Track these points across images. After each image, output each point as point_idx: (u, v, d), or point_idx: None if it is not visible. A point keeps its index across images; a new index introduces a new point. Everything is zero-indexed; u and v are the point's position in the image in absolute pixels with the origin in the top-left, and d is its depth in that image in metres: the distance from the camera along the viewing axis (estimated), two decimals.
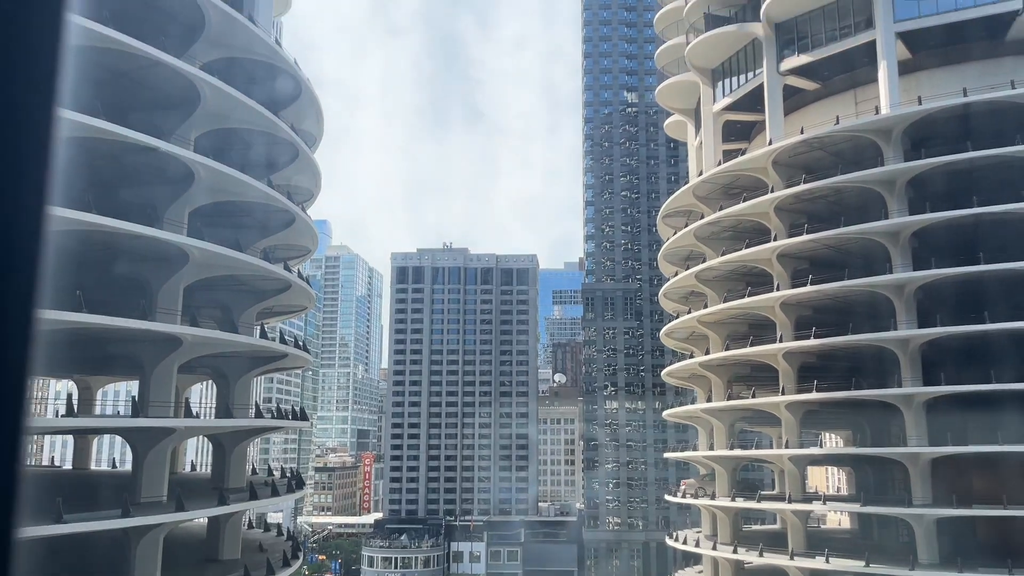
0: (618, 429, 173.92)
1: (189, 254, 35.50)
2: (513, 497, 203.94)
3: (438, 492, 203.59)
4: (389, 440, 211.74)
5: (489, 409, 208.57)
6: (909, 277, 49.91)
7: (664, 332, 71.87)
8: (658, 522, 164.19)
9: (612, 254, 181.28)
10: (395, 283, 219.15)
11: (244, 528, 47.24)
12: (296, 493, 45.71)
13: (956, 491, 48.41)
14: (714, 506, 61.33)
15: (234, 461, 43.60)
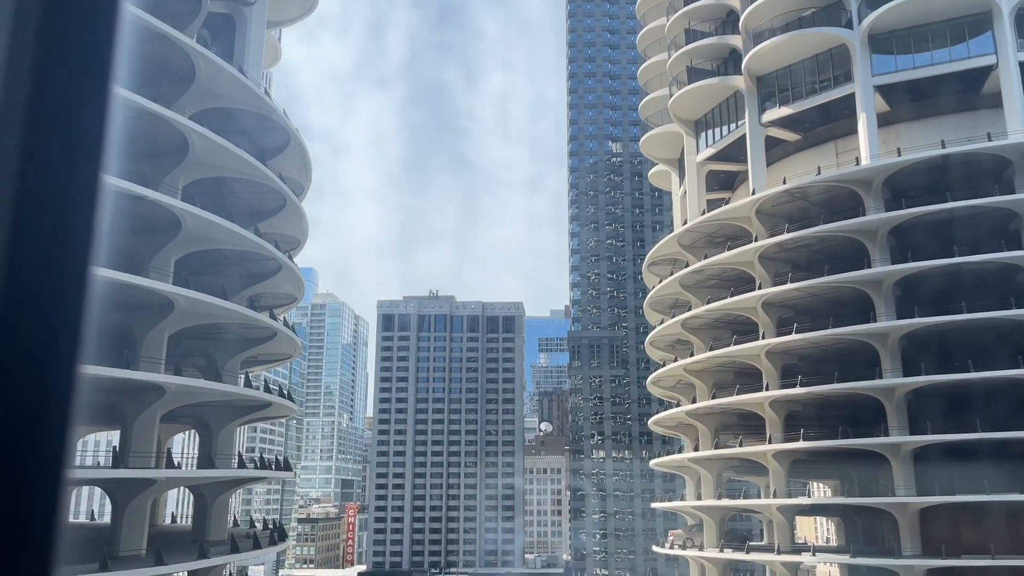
0: (605, 479, 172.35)
1: (175, 302, 35.29)
2: (499, 548, 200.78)
3: (423, 543, 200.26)
4: (374, 490, 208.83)
5: (475, 459, 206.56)
6: (893, 326, 50.24)
7: (651, 380, 71.72)
8: (646, 574, 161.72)
9: (598, 302, 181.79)
10: (381, 331, 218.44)
11: None
12: (278, 546, 44.81)
13: (945, 541, 48.08)
14: (703, 558, 60.55)
15: (215, 512, 42.77)
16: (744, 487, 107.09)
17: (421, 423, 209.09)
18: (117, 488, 35.24)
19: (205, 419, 43.90)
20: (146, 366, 34.48)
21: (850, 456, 58.84)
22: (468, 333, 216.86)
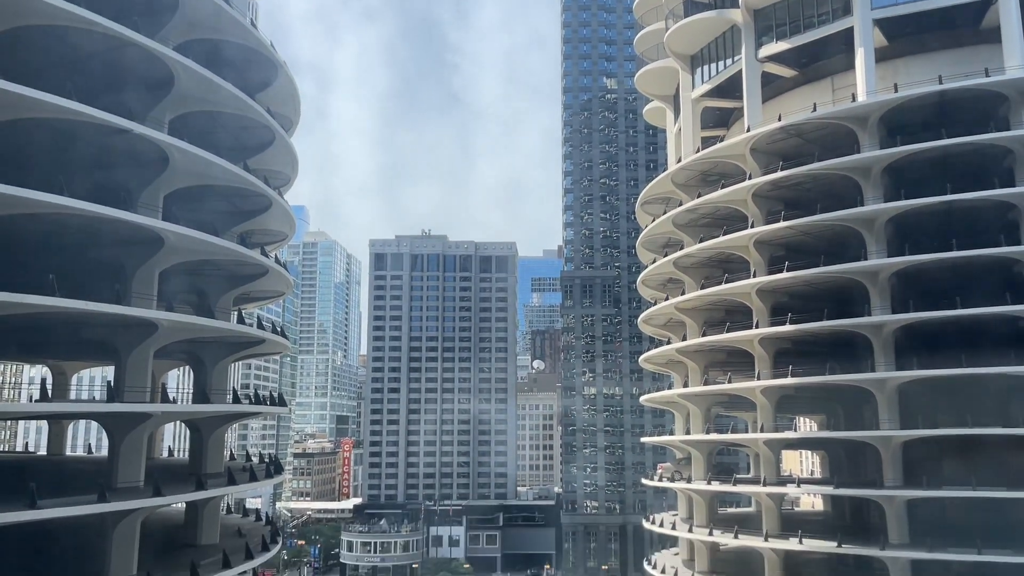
0: (596, 415, 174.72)
1: (164, 238, 34.99)
2: (492, 481, 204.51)
3: (417, 477, 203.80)
4: (368, 426, 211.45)
5: (468, 396, 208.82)
6: (883, 263, 50.36)
7: (642, 319, 72.13)
8: (635, 505, 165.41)
9: (591, 241, 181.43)
10: (373, 270, 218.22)
11: (222, 514, 46.91)
12: (274, 478, 45.48)
13: (927, 472, 49.11)
14: (690, 490, 61.82)
15: (212, 447, 43.24)
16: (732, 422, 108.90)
17: (415, 361, 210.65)
18: (113, 422, 35.50)
19: (199, 355, 44.01)
20: (138, 302, 34.36)
21: (836, 392, 59.69)
22: (461, 272, 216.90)
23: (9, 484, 30.50)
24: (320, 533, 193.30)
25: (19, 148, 32.13)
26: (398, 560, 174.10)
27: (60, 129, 31.20)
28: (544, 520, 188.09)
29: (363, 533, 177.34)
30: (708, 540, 57.81)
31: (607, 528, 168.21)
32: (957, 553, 46.18)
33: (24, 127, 30.05)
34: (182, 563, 34.95)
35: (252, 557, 39.37)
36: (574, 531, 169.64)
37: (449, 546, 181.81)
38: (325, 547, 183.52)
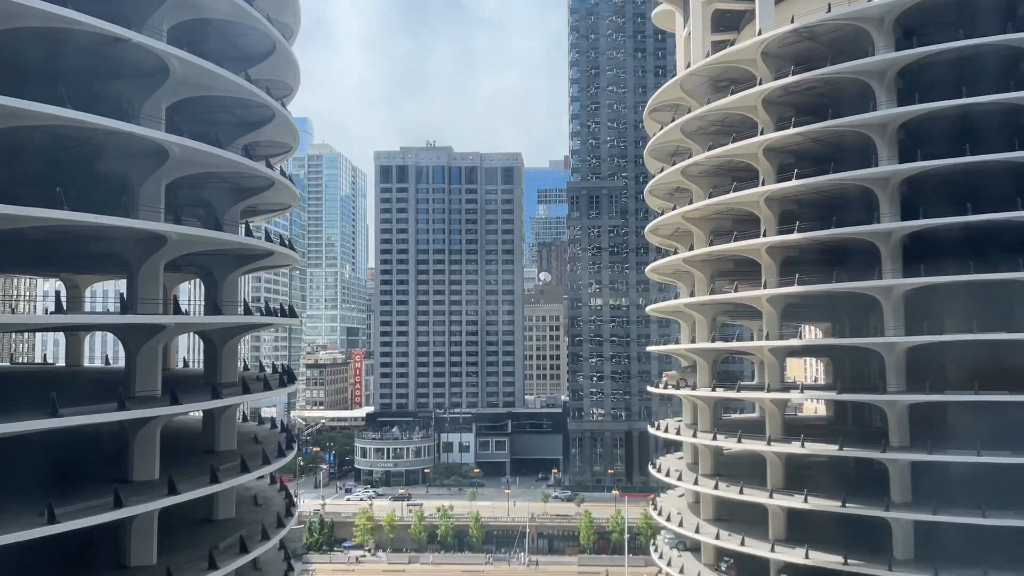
0: (602, 325, 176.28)
1: (168, 150, 34.67)
2: (500, 391, 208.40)
3: (427, 387, 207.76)
4: (378, 337, 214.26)
5: (476, 307, 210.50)
6: (895, 169, 49.71)
7: (649, 229, 71.89)
8: (640, 413, 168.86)
9: (598, 151, 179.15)
10: (379, 182, 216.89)
11: (239, 422, 48.08)
12: (288, 387, 46.34)
13: (930, 378, 49.71)
14: (695, 396, 62.88)
15: (225, 357, 43.94)
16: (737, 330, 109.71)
17: (423, 273, 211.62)
18: (128, 333, 36.01)
19: (209, 268, 44.26)
20: (146, 215, 34.31)
21: (842, 300, 59.94)
22: (467, 184, 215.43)
23: (31, 394, 31.23)
24: (334, 440, 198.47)
25: (18, 61, 31.55)
26: (410, 465, 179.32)
27: (58, 39, 30.53)
28: (551, 427, 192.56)
29: (376, 440, 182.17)
30: (712, 444, 59.16)
31: (613, 434, 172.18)
32: (956, 455, 47.20)
33: (23, 38, 29.43)
34: (202, 468, 36.07)
35: (269, 462, 40.56)
36: (580, 437, 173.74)
37: (459, 452, 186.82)
38: (339, 453, 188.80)
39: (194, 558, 34.10)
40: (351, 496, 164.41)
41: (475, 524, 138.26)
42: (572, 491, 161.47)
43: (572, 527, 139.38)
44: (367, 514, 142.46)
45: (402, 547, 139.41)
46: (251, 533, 38.41)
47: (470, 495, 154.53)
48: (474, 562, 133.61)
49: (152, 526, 33.12)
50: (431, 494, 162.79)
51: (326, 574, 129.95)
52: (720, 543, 54.99)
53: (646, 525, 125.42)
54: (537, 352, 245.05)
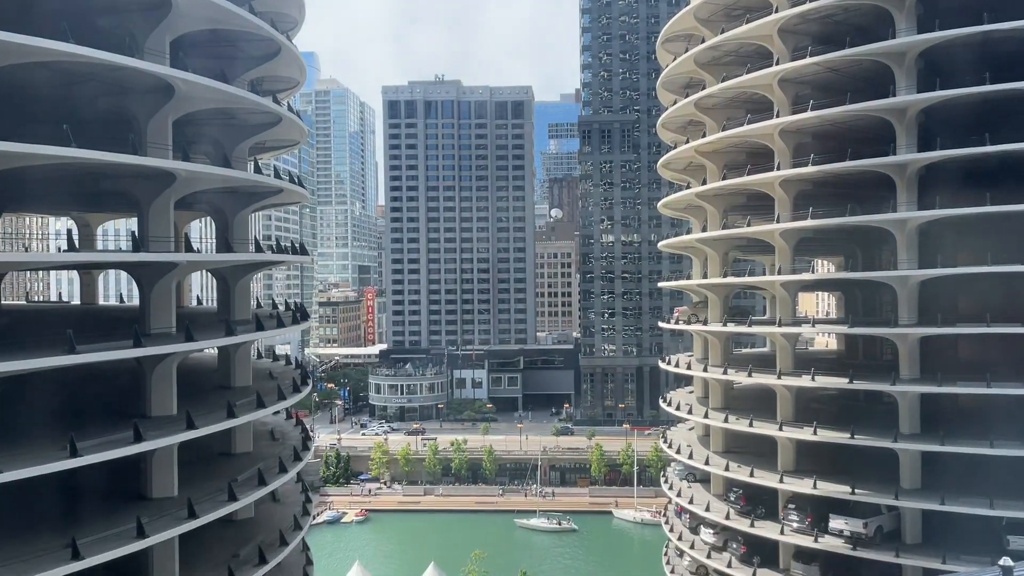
0: (614, 261, 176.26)
1: (174, 86, 34.34)
2: (512, 328, 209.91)
3: (440, 324, 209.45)
4: (390, 275, 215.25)
5: (487, 245, 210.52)
6: (913, 99, 48.72)
7: (661, 163, 71.17)
8: (652, 349, 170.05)
9: (610, 84, 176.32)
10: (387, 118, 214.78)
11: (253, 359, 48.73)
12: (301, 325, 46.77)
13: (942, 310, 49.65)
14: (706, 331, 63.12)
15: (238, 295, 44.30)
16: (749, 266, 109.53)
17: (433, 210, 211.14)
18: (141, 271, 36.29)
19: (219, 206, 44.28)
20: (154, 152, 34.19)
21: (856, 234, 59.53)
22: (476, 119, 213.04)
23: (48, 332, 31.67)
24: (348, 377, 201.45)
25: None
26: (424, 401, 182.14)
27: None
28: (563, 363, 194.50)
29: (390, 376, 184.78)
30: (722, 379, 59.64)
31: (624, 370, 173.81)
32: (966, 387, 47.45)
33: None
34: (218, 403, 36.74)
35: (284, 398, 41.23)
36: (592, 373, 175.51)
37: (472, 388, 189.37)
38: (354, 390, 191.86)
39: (214, 490, 35.01)
40: (366, 431, 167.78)
41: (488, 457, 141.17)
42: (583, 425, 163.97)
43: (584, 460, 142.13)
44: (382, 448, 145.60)
45: (417, 480, 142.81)
46: (269, 466, 39.32)
47: (483, 429, 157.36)
48: (487, 493, 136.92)
49: (172, 459, 33.95)
50: (445, 429, 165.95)
51: (343, 505, 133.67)
52: (729, 474, 55.90)
53: (656, 458, 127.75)
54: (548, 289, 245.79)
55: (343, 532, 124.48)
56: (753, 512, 54.52)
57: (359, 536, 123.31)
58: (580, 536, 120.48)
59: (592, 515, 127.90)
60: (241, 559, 36.31)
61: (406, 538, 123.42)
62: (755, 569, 52.86)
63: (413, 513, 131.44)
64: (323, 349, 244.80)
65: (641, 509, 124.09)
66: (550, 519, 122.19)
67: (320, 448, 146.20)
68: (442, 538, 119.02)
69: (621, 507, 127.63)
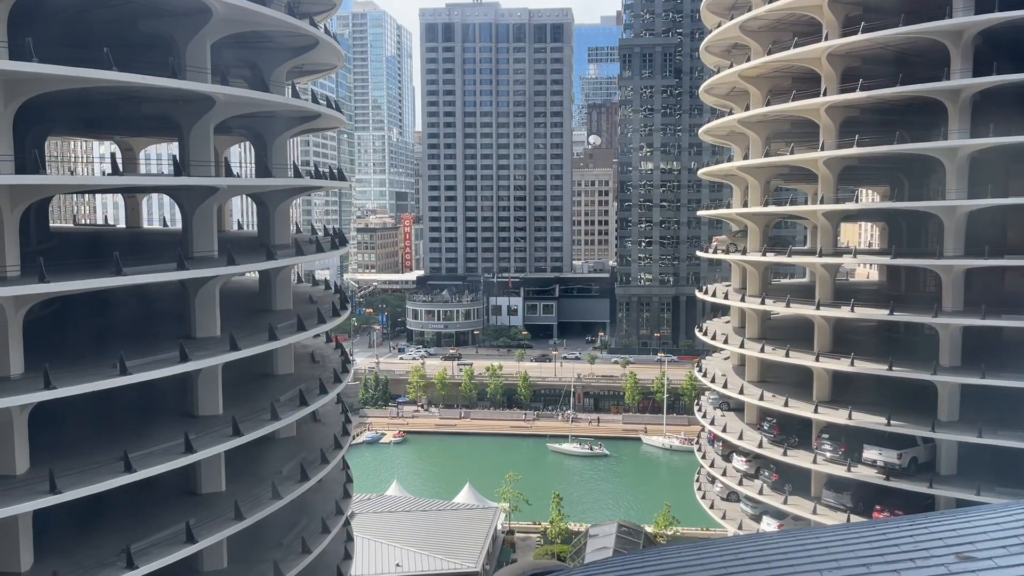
0: (652, 190, 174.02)
1: (212, 8, 34.04)
2: (548, 255, 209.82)
3: (476, 251, 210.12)
4: (427, 202, 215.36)
5: (524, 172, 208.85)
6: (970, 21, 46.51)
7: (704, 88, 69.35)
8: (688, 278, 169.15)
9: (652, 6, 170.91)
10: (424, 41, 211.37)
11: (293, 283, 49.49)
12: (339, 250, 47.22)
13: (989, 242, 48.38)
14: (744, 261, 62.46)
15: (278, 220, 44.74)
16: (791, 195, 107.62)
17: (470, 136, 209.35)
18: (183, 195, 36.75)
19: (257, 130, 44.36)
20: (193, 76, 34.16)
21: (903, 162, 57.87)
22: (514, 43, 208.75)
23: (95, 254, 32.40)
24: (386, 303, 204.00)
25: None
26: (460, 327, 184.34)
27: None
28: (599, 292, 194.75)
29: (427, 302, 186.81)
30: (759, 309, 59.23)
31: (660, 299, 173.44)
32: (1010, 319, 46.58)
33: None
34: (260, 326, 37.52)
35: (324, 321, 41.95)
36: (627, 302, 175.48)
37: (508, 315, 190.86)
38: (391, 315, 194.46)
39: (257, 409, 36.07)
40: (404, 355, 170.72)
41: (523, 383, 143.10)
42: (618, 354, 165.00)
43: (617, 387, 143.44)
44: (419, 372, 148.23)
45: (453, 403, 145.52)
46: (310, 388, 40.30)
47: (518, 355, 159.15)
48: (521, 418, 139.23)
49: (217, 379, 34.95)
50: (480, 354, 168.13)
51: (382, 426, 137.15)
52: (764, 403, 56.05)
53: (690, 387, 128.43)
54: (585, 217, 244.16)
55: (382, 452, 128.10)
56: (786, 441, 54.85)
57: (397, 456, 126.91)
58: (611, 461, 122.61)
59: (623, 441, 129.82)
60: (284, 475, 37.63)
61: (442, 459, 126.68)
62: (786, 496, 53.47)
63: (449, 436, 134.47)
64: (361, 275, 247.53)
65: (669, 435, 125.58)
66: (582, 444, 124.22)
67: (359, 371, 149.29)
68: (477, 460, 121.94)
69: (650, 434, 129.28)
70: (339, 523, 41.70)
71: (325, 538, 39.33)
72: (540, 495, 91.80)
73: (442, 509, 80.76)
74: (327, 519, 40.33)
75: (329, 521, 40.34)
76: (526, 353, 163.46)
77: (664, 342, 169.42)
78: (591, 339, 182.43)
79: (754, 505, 56.96)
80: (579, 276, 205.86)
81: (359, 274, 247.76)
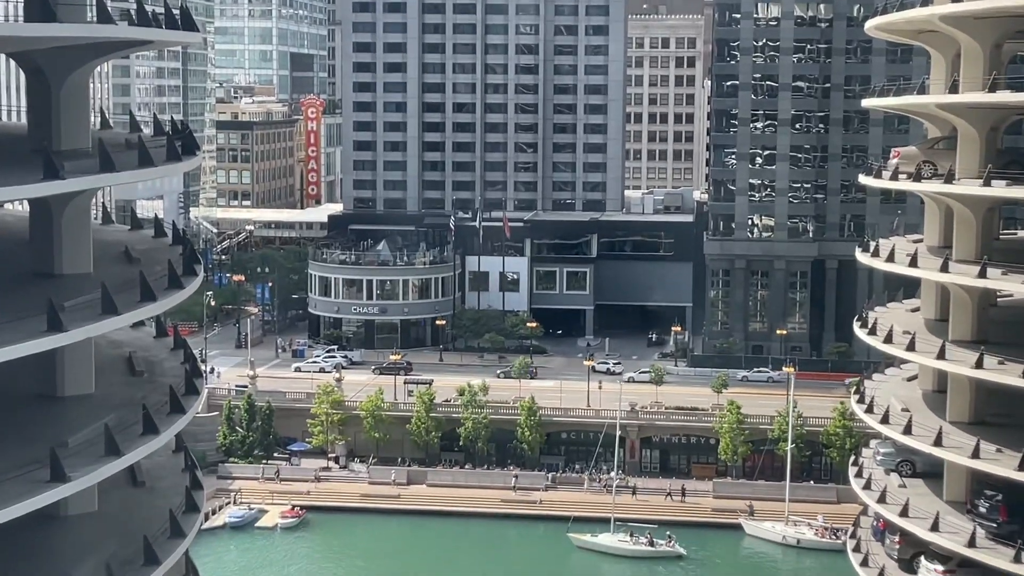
0: (777, 57, 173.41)
1: None
2: (578, 182, 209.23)
3: (442, 171, 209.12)
4: (350, 74, 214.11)
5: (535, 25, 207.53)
6: None
7: None
8: (843, 227, 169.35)
9: None
10: None
11: (96, 223, 48.96)
12: (184, 162, 46.79)
13: None
14: (948, 194, 62.32)
15: (67, 104, 44.27)
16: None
17: None
18: None
19: None
20: None
21: None
22: None
23: None
24: (271, 263, 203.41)
25: None
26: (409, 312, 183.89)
27: None
28: (672, 249, 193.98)
29: (348, 266, 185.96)
30: (977, 285, 59.10)
31: (789, 264, 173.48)
32: None
33: None
34: (33, 302, 37.16)
35: (152, 297, 41.51)
36: (727, 269, 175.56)
37: (500, 290, 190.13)
38: (281, 288, 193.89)
39: (25, 462, 35.84)
40: (303, 364, 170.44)
41: (527, 419, 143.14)
42: (707, 367, 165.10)
43: (705, 430, 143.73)
44: (332, 396, 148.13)
45: (396, 456, 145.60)
46: (124, 422, 40.08)
47: (519, 367, 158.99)
48: (522, 484, 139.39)
49: None
50: (447, 365, 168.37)
51: (260, 496, 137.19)
52: (980, 464, 56.05)
53: (842, 429, 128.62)
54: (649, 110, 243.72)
55: (258, 544, 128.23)
56: (1021, 535, 55.00)
57: (288, 553, 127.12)
58: (691, 567, 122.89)
59: (715, 529, 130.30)
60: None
61: (371, 561, 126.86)
62: None
63: (388, 515, 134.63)
64: (226, 212, 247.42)
65: (797, 521, 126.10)
66: (635, 535, 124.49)
67: (219, 393, 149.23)
68: (438, 563, 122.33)
69: (760, 516, 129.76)
70: None
71: None
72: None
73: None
74: None
75: None
76: (535, 364, 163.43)
77: (795, 346, 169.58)
78: (657, 338, 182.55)
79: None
80: (636, 219, 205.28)
81: (220, 210, 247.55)
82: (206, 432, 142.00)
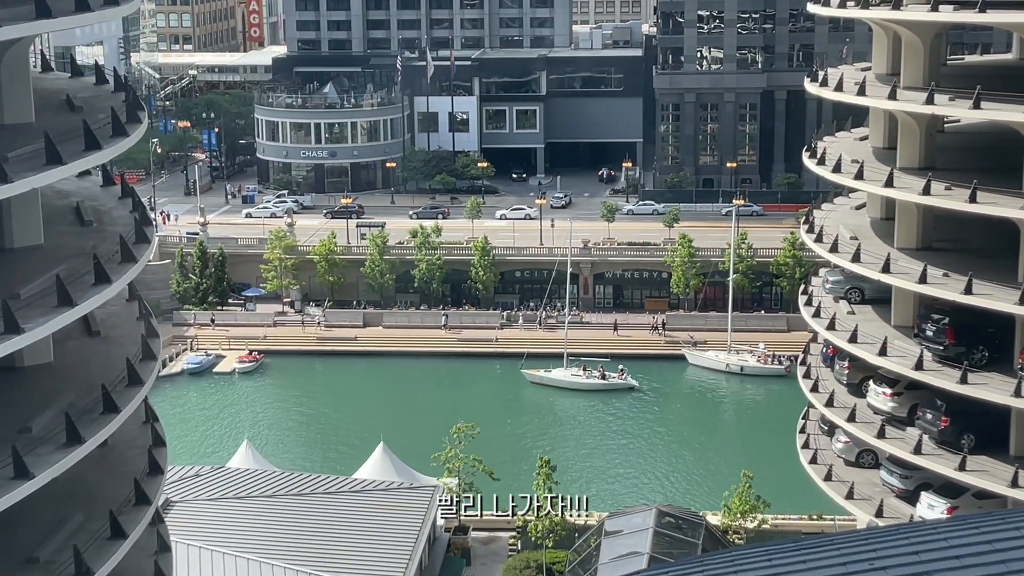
0: None
1: None
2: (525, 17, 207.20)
3: (387, 9, 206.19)
4: None
5: None
6: None
7: None
8: (792, 57, 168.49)
9: None
10: None
11: (35, 71, 48.17)
12: (122, 6, 45.87)
13: None
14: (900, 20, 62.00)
15: None
16: None
17: None
18: None
19: None
20: None
21: None
22: None
23: None
24: (217, 109, 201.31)
25: None
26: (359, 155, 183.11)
27: None
28: (622, 84, 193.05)
29: (294, 109, 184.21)
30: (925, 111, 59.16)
31: (738, 97, 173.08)
32: None
33: None
34: None
35: (97, 145, 41.11)
36: (675, 103, 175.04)
37: (450, 131, 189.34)
38: (228, 133, 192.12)
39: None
40: (254, 210, 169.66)
41: (481, 259, 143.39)
42: (659, 201, 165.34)
43: (656, 264, 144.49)
44: (284, 241, 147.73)
45: (350, 299, 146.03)
46: (75, 272, 39.94)
47: (470, 208, 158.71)
48: (479, 322, 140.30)
49: None
50: (399, 207, 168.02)
51: (216, 342, 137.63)
52: (927, 289, 56.63)
53: (792, 259, 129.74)
54: None
55: (218, 388, 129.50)
56: (967, 357, 55.84)
57: (246, 396, 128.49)
58: (641, 398, 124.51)
59: (665, 361, 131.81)
60: (35, 434, 37.76)
61: (331, 401, 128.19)
62: (964, 455, 54.85)
63: (343, 357, 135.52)
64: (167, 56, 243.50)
65: (740, 350, 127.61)
66: (588, 369, 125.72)
67: (171, 241, 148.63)
68: (397, 402, 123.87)
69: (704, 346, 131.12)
70: (142, 520, 42.26)
71: (116, 547, 39.92)
72: (514, 463, 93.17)
73: (334, 491, 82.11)
74: (120, 513, 40.83)
75: (124, 517, 40.83)
76: (486, 203, 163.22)
77: (745, 179, 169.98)
78: (608, 174, 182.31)
79: (906, 472, 58.56)
80: (584, 55, 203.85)
81: (162, 55, 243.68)
82: (159, 280, 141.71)
